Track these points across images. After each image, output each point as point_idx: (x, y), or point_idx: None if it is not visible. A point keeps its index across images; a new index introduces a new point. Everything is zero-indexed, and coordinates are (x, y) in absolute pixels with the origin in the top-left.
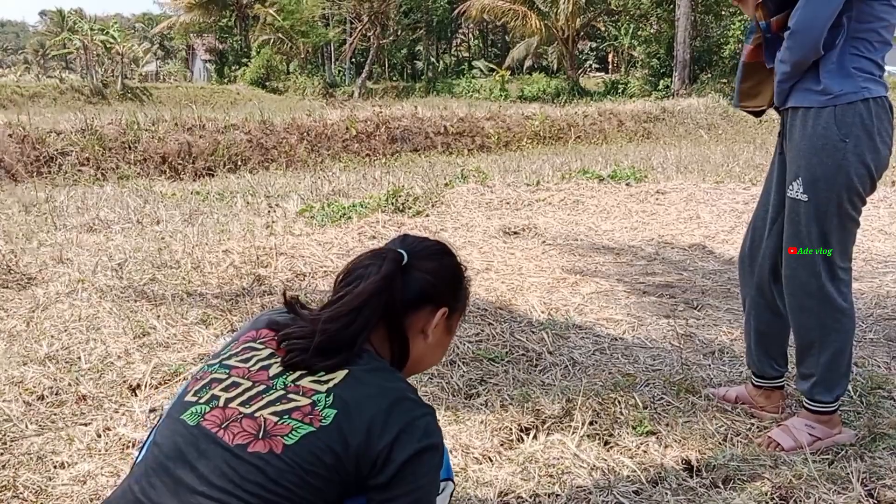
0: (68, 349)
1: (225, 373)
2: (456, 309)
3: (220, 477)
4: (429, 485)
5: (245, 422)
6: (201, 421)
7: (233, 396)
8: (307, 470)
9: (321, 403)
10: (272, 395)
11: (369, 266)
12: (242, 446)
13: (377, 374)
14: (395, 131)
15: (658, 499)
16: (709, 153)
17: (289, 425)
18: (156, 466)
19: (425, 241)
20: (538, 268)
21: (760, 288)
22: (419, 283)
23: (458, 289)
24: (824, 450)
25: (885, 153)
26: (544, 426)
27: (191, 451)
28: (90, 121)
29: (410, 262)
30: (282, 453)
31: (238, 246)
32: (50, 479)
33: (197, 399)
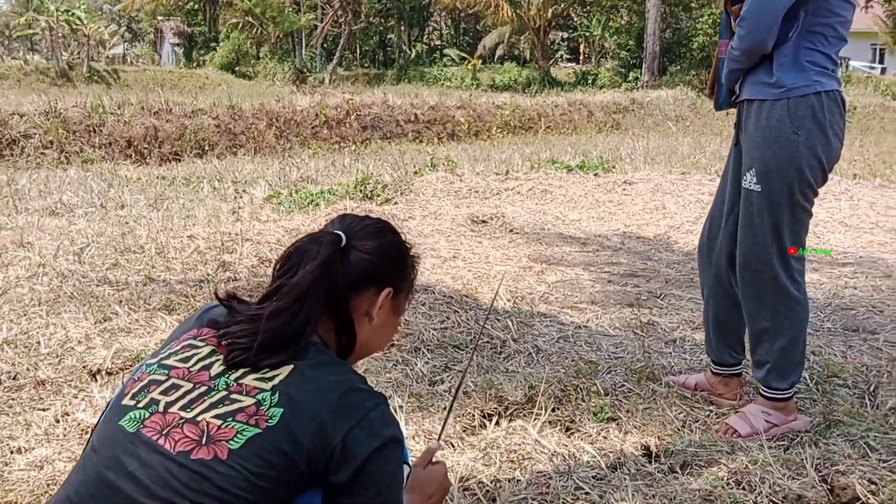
0: (27, 334)
1: (164, 374)
2: (402, 288)
3: (163, 487)
4: (394, 482)
5: (187, 427)
6: (141, 428)
7: (173, 400)
8: (256, 473)
9: (266, 403)
10: (214, 397)
11: (306, 252)
12: (185, 453)
13: (324, 368)
14: (365, 119)
15: (617, 484)
16: (676, 144)
17: (233, 428)
18: (95, 476)
19: (365, 220)
20: (505, 256)
21: (718, 277)
22: (360, 263)
23: (402, 267)
24: (780, 436)
25: (836, 146)
26: (507, 413)
27: (130, 460)
28: (54, 103)
29: (350, 242)
30: (227, 459)
31: (203, 231)
32: (6, 465)
33: (135, 403)
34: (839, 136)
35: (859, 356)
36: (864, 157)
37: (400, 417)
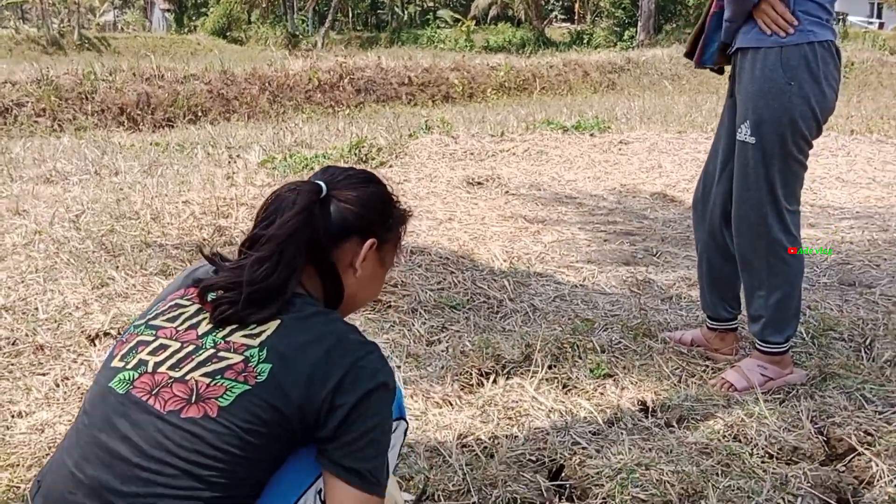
0: (25, 300)
1: (152, 334)
2: (387, 240)
3: (155, 446)
4: (380, 424)
5: (176, 386)
6: (131, 389)
7: (161, 360)
8: (246, 430)
9: (255, 359)
10: (202, 356)
11: (284, 202)
12: (175, 412)
13: (312, 320)
14: (358, 82)
15: (614, 438)
16: (672, 103)
17: (222, 385)
18: (88, 439)
19: (349, 171)
20: (501, 217)
21: (712, 232)
22: (341, 213)
23: (386, 218)
24: (776, 389)
25: (830, 97)
26: (504, 371)
27: (122, 421)
28: (45, 71)
29: (330, 192)
30: (217, 416)
31: (198, 197)
32: (7, 429)
33: (124, 364)
34: (833, 87)
35: (855, 310)
36: (862, 112)
37: (398, 376)
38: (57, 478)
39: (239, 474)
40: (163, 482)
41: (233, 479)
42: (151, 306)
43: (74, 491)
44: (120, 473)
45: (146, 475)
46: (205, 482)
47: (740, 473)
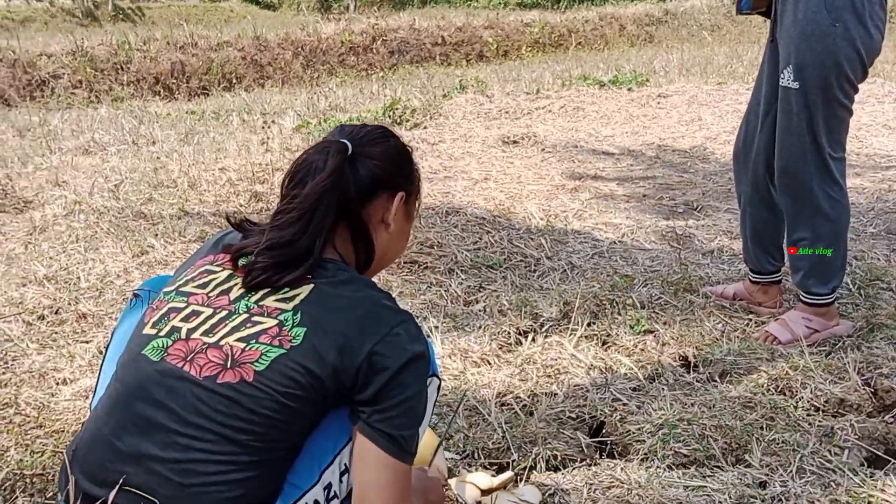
0: (67, 269)
1: (183, 301)
2: (412, 192)
3: (193, 413)
4: (417, 394)
5: (210, 352)
6: (165, 356)
7: (194, 326)
8: (283, 393)
9: (289, 323)
10: (236, 321)
11: (314, 163)
12: (211, 378)
13: (345, 286)
14: (392, 44)
15: (655, 394)
16: (712, 55)
17: (257, 350)
18: (124, 407)
19: (365, 127)
20: (537, 175)
21: (755, 183)
22: (369, 170)
23: (410, 170)
24: (821, 342)
25: (876, 38)
26: (542, 329)
27: (158, 389)
28: (80, 42)
29: (356, 150)
30: (253, 380)
31: (234, 163)
32: (52, 396)
33: (157, 332)
34: (879, 28)
35: None
36: None
37: (435, 337)
38: (94, 447)
39: (276, 437)
40: (201, 447)
41: (270, 443)
42: (178, 273)
43: (113, 459)
44: (159, 441)
45: (185, 441)
46: (242, 446)
47: (785, 427)
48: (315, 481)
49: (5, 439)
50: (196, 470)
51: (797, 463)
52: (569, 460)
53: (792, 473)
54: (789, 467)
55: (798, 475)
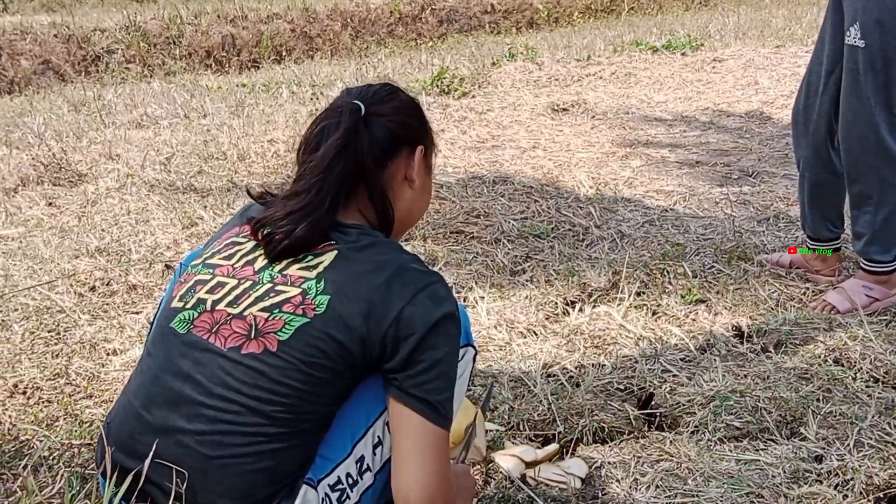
0: (118, 241)
1: (209, 273)
2: (429, 144)
3: (218, 384)
4: (448, 356)
5: (235, 323)
6: (191, 328)
7: (219, 298)
8: (308, 363)
9: (312, 291)
10: (259, 291)
11: (327, 127)
12: (235, 349)
13: (369, 250)
14: (440, 13)
15: (706, 365)
16: (770, 17)
17: (280, 319)
18: (152, 379)
19: (372, 87)
20: (587, 143)
21: (815, 146)
22: (387, 127)
23: (423, 122)
24: (882, 311)
25: None
26: (590, 299)
27: (184, 361)
28: (133, 17)
29: (369, 110)
30: (277, 350)
31: (283, 135)
32: (102, 366)
33: (183, 304)
34: None
35: None
36: None
37: (482, 308)
38: (124, 420)
39: (303, 409)
40: (228, 419)
41: (297, 414)
42: (206, 246)
43: (142, 432)
44: (185, 413)
45: (211, 413)
46: (269, 418)
47: (843, 399)
48: (347, 454)
49: (55, 409)
50: (223, 441)
51: (855, 436)
52: (616, 433)
53: (849, 447)
54: (847, 441)
55: (856, 449)
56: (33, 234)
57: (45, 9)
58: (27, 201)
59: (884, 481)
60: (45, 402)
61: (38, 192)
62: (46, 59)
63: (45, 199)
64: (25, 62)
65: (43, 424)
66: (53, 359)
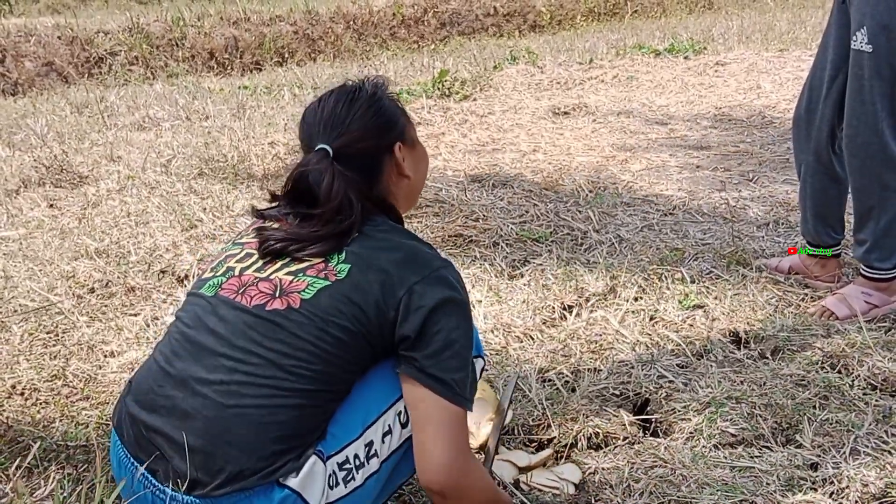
0: (118, 243)
1: (239, 248)
2: (402, 128)
3: (241, 337)
4: (462, 336)
5: (261, 284)
6: (219, 291)
7: (248, 266)
8: (327, 321)
9: (334, 260)
10: (285, 259)
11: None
12: (260, 306)
13: (391, 232)
14: (443, 15)
15: (703, 371)
16: (773, 21)
17: (304, 281)
18: (178, 337)
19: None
20: (587, 147)
21: (817, 151)
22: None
23: (387, 117)
24: (881, 317)
25: None
26: (588, 303)
27: (210, 318)
28: (136, 19)
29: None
30: (300, 307)
31: (283, 138)
32: (100, 368)
33: (213, 274)
34: None
35: None
36: None
37: (479, 312)
38: (147, 374)
39: (320, 369)
40: (246, 370)
41: (313, 373)
42: (237, 234)
43: (163, 384)
44: (207, 364)
45: (231, 364)
46: (287, 371)
47: (839, 406)
48: (358, 435)
49: (52, 411)
50: (239, 392)
51: (851, 444)
52: (611, 438)
53: (845, 455)
54: (843, 448)
55: (852, 457)
56: (34, 235)
57: (50, 10)
58: (28, 203)
59: (879, 490)
60: (42, 403)
61: (39, 194)
62: (50, 60)
63: (46, 200)
64: (29, 64)
65: (39, 426)
66: (51, 360)
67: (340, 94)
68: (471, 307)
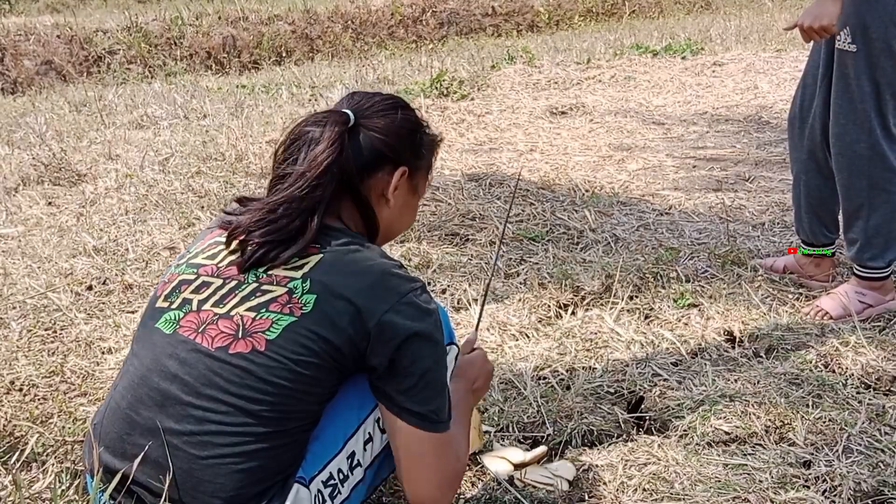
0: (116, 241)
1: (193, 273)
2: (419, 167)
3: (206, 384)
4: (434, 365)
5: (221, 322)
6: (177, 328)
7: (205, 297)
8: (296, 361)
9: (299, 290)
10: (245, 290)
11: (310, 133)
12: (223, 349)
13: (353, 254)
14: (441, 15)
15: (697, 370)
16: (772, 21)
17: (268, 319)
18: (139, 381)
19: (375, 97)
20: (584, 146)
21: (811, 150)
22: (371, 143)
23: (417, 145)
24: (875, 317)
25: None
26: (583, 302)
27: (171, 362)
28: (134, 18)
29: (358, 121)
30: (265, 349)
31: (281, 136)
32: (97, 364)
33: (169, 304)
34: None
35: None
36: None
37: (475, 310)
38: (113, 420)
39: (291, 407)
40: (216, 419)
41: (286, 413)
42: (189, 248)
43: (131, 432)
44: (173, 413)
45: (199, 413)
46: (258, 417)
47: (833, 405)
48: (339, 450)
49: (50, 406)
50: (212, 442)
51: (844, 442)
52: (605, 436)
53: (838, 453)
54: (835, 447)
55: (844, 455)
56: (32, 233)
57: (50, 9)
58: (27, 200)
59: (872, 488)
60: (40, 399)
61: (38, 192)
62: (49, 59)
63: (44, 198)
64: (28, 62)
65: (38, 421)
66: (49, 357)
67: (396, 97)
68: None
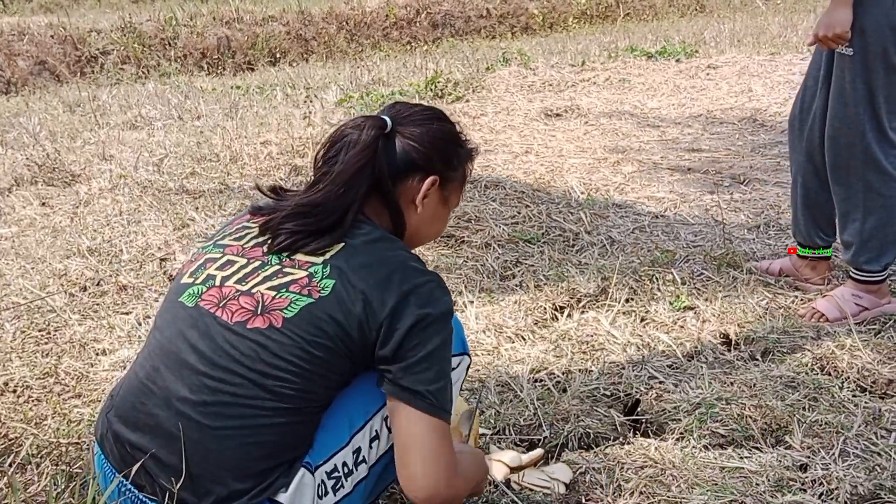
0: (110, 242)
1: (219, 252)
2: (451, 178)
3: (222, 356)
4: (439, 349)
5: (242, 298)
6: (199, 301)
7: (228, 275)
8: (310, 341)
9: (318, 275)
10: (268, 271)
11: (348, 136)
12: (241, 323)
13: (376, 244)
14: (436, 17)
15: (693, 372)
16: (766, 24)
17: (287, 298)
18: (158, 350)
19: (415, 107)
20: (579, 149)
21: (810, 152)
22: (405, 149)
23: (451, 156)
24: (871, 320)
25: None
26: (579, 305)
27: (191, 332)
28: (128, 18)
29: (395, 128)
30: (282, 327)
31: (276, 137)
32: (91, 366)
33: (193, 280)
34: None
35: None
36: None
37: (470, 313)
38: (129, 390)
39: (302, 387)
40: (229, 391)
41: (297, 392)
42: (217, 232)
43: (145, 401)
44: (189, 383)
45: (214, 384)
46: (270, 392)
47: (829, 408)
48: (345, 443)
49: (44, 408)
50: (223, 413)
51: (840, 445)
52: (601, 438)
53: (834, 456)
54: (832, 450)
55: (841, 458)
56: (26, 233)
57: (43, 9)
58: (21, 201)
59: (868, 491)
60: (34, 400)
61: (31, 192)
62: (43, 59)
63: (38, 198)
64: (22, 63)
65: (32, 423)
66: (43, 358)
67: (436, 109)
68: (452, 310)
